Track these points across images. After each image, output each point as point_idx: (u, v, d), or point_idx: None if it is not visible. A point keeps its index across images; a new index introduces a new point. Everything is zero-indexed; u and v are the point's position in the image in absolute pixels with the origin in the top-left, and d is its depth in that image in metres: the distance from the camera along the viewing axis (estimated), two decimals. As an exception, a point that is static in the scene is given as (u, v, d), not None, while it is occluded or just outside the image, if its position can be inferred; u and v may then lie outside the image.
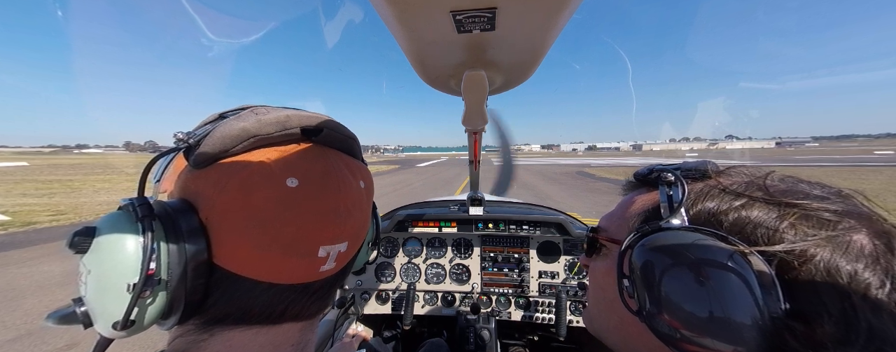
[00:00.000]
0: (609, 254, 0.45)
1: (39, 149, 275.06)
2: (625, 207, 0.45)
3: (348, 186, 0.39)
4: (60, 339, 3.00)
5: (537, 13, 0.38)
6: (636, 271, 0.35)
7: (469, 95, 0.61)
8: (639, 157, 76.58)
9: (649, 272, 0.34)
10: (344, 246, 0.39)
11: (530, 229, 1.55)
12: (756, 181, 0.36)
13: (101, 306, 0.30)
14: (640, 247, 0.36)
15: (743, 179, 0.37)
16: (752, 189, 0.34)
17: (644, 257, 0.35)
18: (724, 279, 0.30)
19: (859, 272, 0.28)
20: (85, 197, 12.29)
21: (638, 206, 0.42)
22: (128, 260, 0.30)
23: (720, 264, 0.30)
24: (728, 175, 0.39)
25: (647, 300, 0.34)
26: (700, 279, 0.31)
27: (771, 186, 0.35)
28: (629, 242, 0.37)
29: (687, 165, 0.41)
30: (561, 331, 1.35)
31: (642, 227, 0.37)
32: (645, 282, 0.34)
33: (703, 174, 0.39)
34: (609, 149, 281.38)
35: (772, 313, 0.28)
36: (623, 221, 0.43)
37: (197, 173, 0.35)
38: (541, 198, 11.62)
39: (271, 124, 0.36)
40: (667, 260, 0.33)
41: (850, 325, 0.27)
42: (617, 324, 0.43)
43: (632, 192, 0.47)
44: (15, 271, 4.64)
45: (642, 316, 0.34)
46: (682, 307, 0.31)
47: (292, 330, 0.39)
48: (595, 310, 0.48)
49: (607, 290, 0.43)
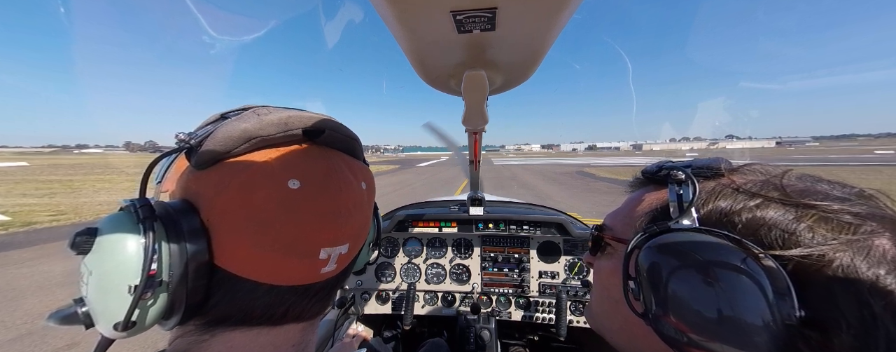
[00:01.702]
0: (614, 253, 0.44)
1: (39, 149, 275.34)
2: (632, 205, 0.43)
3: (350, 188, 0.39)
4: (61, 339, 3.00)
5: (537, 13, 0.38)
6: (642, 272, 0.34)
7: (469, 95, 0.61)
8: (639, 156, 76.61)
9: (656, 275, 0.33)
10: (345, 248, 0.39)
11: (530, 229, 1.55)
12: (772, 180, 0.33)
13: (103, 306, 0.30)
14: (647, 248, 0.34)
15: (758, 178, 0.35)
16: (768, 189, 0.32)
17: (651, 259, 0.34)
18: (736, 284, 0.28)
19: (881, 278, 0.26)
20: (85, 197, 12.29)
21: (646, 204, 0.40)
22: (129, 261, 0.30)
23: (731, 268, 0.28)
24: (742, 173, 0.37)
25: (654, 303, 0.32)
26: (709, 283, 0.29)
27: (788, 185, 0.32)
28: (636, 243, 0.36)
29: (698, 162, 0.39)
30: (561, 331, 1.34)
31: (650, 227, 0.36)
32: (651, 284, 0.33)
33: (715, 172, 0.37)
34: (609, 149, 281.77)
35: (785, 321, 0.27)
36: (630, 220, 0.42)
37: (198, 174, 0.35)
38: (541, 198, 11.62)
39: (273, 125, 0.36)
40: (675, 262, 0.32)
41: (868, 334, 0.25)
42: (622, 324, 0.41)
43: (639, 189, 0.45)
44: (15, 271, 4.65)
45: (648, 319, 0.33)
46: (689, 312, 0.30)
47: (293, 331, 0.39)
48: (599, 309, 0.47)
49: (612, 290, 0.42)
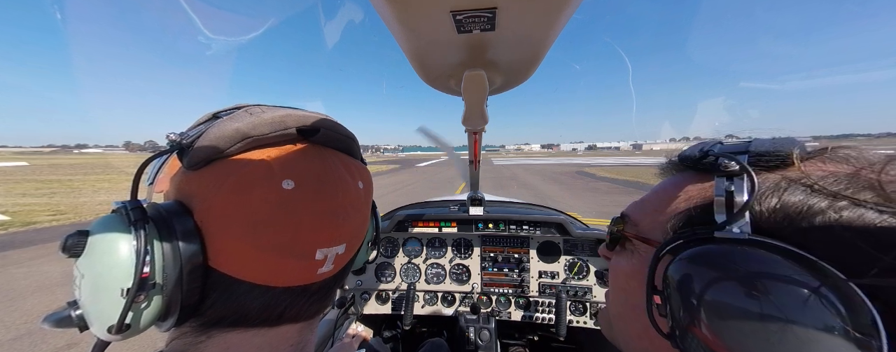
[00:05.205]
0: (636, 252, 0.36)
1: (39, 149, 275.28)
2: (663, 196, 0.34)
3: (346, 187, 0.39)
4: (60, 339, 3.00)
5: (537, 13, 0.38)
6: (672, 287, 0.27)
7: (469, 94, 0.61)
8: (639, 156, 76.68)
9: (690, 295, 0.26)
10: (342, 248, 0.39)
11: (530, 229, 1.55)
12: (866, 174, 0.24)
13: (96, 309, 0.30)
14: (680, 260, 0.27)
15: (845, 170, 0.26)
16: (859, 187, 0.24)
17: (684, 274, 0.27)
18: (800, 319, 0.21)
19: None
20: (85, 197, 12.28)
21: (683, 200, 0.32)
22: (121, 264, 0.29)
23: (795, 298, 0.22)
24: (822, 162, 0.27)
25: (684, 327, 0.26)
26: (761, 316, 0.22)
27: (890, 181, 0.23)
28: (667, 249, 0.29)
29: (760, 144, 0.29)
30: (561, 331, 1.35)
31: (685, 231, 0.29)
32: (684, 305, 0.26)
33: (782, 161, 0.27)
34: (609, 148, 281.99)
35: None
36: (660, 217, 0.33)
37: (191, 175, 0.34)
38: (541, 197, 11.65)
39: (266, 124, 0.35)
40: (716, 283, 0.24)
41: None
42: (640, 332, 0.34)
43: (674, 176, 0.36)
44: (14, 270, 4.64)
45: (674, 341, 0.27)
46: (731, 349, 0.23)
47: (291, 331, 0.39)
48: (615, 312, 0.40)
49: (631, 294, 0.35)
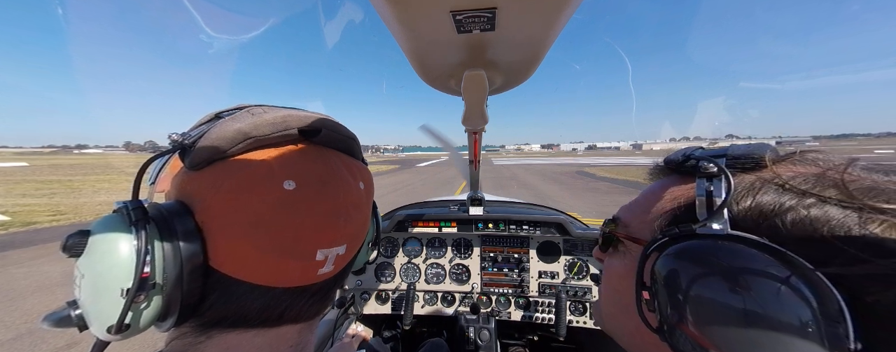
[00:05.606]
0: (627, 253, 0.39)
1: (39, 149, 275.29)
2: (651, 198, 0.37)
3: (347, 188, 0.39)
4: (60, 339, 3.00)
5: (537, 13, 0.38)
6: (659, 282, 0.30)
7: (469, 94, 0.61)
8: (639, 156, 76.69)
9: (675, 288, 0.28)
10: (342, 249, 0.39)
11: (530, 229, 1.55)
12: (830, 174, 0.27)
13: (96, 309, 0.30)
14: (666, 256, 0.30)
15: (811, 171, 0.28)
16: (824, 186, 0.26)
17: (670, 269, 0.29)
18: (773, 307, 0.23)
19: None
20: (85, 197, 12.28)
21: (667, 200, 0.35)
22: (121, 264, 0.29)
23: (768, 287, 0.24)
24: (791, 164, 0.30)
25: (670, 320, 0.29)
26: (739, 304, 0.25)
27: (852, 181, 0.26)
28: (653, 247, 0.32)
29: (736, 149, 0.33)
30: (561, 331, 1.35)
31: (671, 229, 0.31)
32: (669, 298, 0.29)
33: (756, 163, 0.31)
34: (609, 148, 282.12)
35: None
36: (647, 217, 0.36)
37: (192, 175, 0.34)
38: (541, 197, 11.65)
39: (268, 125, 0.35)
40: (698, 276, 0.27)
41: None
42: (633, 330, 0.37)
43: (661, 179, 0.39)
44: (15, 270, 4.64)
45: (663, 334, 0.30)
46: (713, 336, 0.26)
47: (290, 331, 0.39)
48: (608, 310, 0.43)
49: (623, 294, 0.38)
